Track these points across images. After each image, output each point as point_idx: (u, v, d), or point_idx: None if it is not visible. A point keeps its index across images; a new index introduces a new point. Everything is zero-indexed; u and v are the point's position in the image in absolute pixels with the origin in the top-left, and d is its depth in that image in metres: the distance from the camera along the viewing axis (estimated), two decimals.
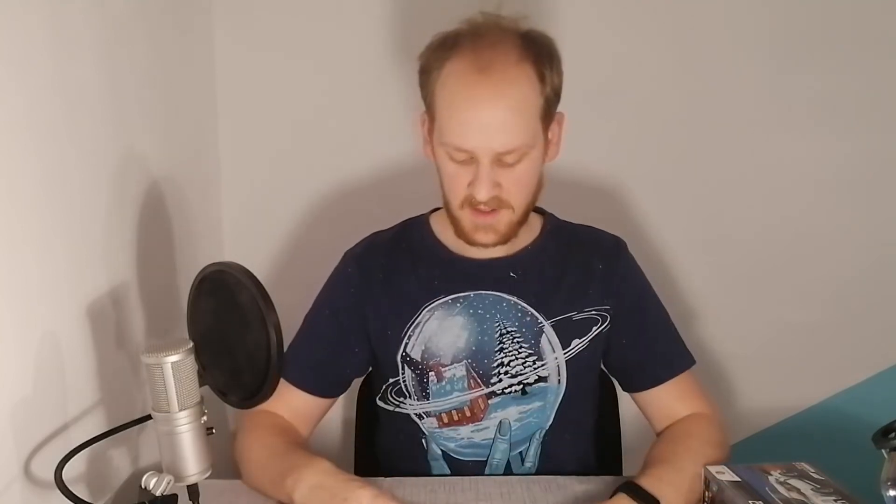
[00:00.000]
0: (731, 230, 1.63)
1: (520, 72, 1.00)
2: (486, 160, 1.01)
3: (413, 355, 1.14)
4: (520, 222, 1.09)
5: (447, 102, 1.02)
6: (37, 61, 0.88)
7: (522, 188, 1.06)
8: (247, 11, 1.55)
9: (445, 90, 1.02)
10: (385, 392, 1.19)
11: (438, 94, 1.03)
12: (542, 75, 1.02)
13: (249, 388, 0.86)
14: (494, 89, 0.99)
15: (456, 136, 1.01)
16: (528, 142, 1.02)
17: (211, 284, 0.87)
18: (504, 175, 1.03)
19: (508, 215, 1.07)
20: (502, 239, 1.09)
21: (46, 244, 0.90)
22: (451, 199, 1.08)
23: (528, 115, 1.01)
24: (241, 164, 1.61)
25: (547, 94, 1.03)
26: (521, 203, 1.07)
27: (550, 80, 1.03)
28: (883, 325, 1.64)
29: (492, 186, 1.02)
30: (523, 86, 1.01)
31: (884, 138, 1.58)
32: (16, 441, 0.84)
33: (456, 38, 1.03)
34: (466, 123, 1.00)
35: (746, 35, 1.55)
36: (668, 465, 1.02)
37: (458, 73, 1.01)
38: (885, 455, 0.80)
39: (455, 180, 1.05)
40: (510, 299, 1.13)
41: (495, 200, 1.04)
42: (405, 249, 1.18)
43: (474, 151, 1.01)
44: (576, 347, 1.14)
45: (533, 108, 1.02)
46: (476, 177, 1.02)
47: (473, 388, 1.13)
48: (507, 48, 1.01)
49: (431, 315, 1.14)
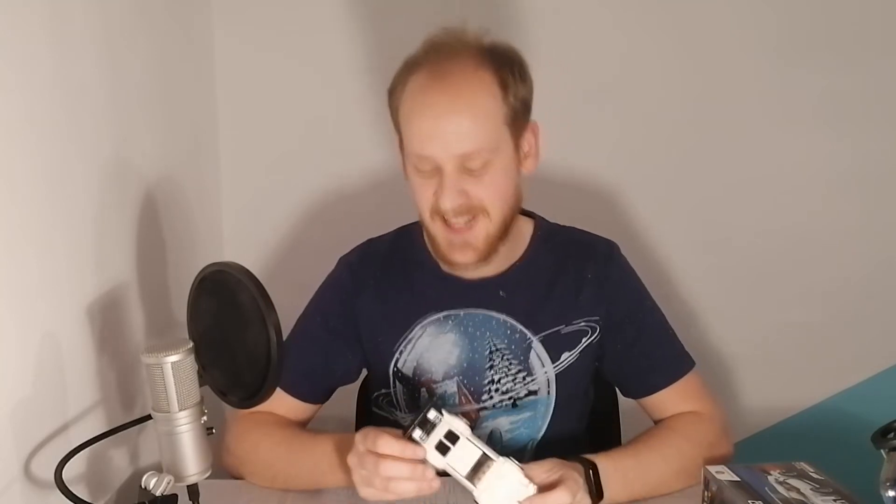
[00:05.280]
0: (732, 230, 1.63)
1: (477, 78, 1.01)
2: (450, 166, 1.01)
3: (405, 371, 1.15)
4: (499, 236, 1.07)
5: (407, 114, 1.03)
6: (37, 61, 0.88)
7: (494, 196, 1.04)
8: (247, 12, 1.55)
9: (406, 104, 1.03)
10: (377, 400, 1.20)
11: (401, 110, 1.05)
12: (503, 82, 1.02)
13: (249, 388, 0.85)
14: (450, 94, 1.00)
15: (418, 145, 1.02)
16: (490, 146, 1.01)
17: (211, 284, 0.87)
18: (471, 183, 1.02)
19: (485, 225, 1.05)
20: (481, 256, 1.07)
21: (46, 244, 0.90)
22: (422, 213, 1.08)
23: (488, 120, 1.01)
24: (240, 165, 1.61)
25: (511, 102, 1.02)
26: (497, 212, 1.05)
27: (514, 88, 1.03)
28: (883, 325, 1.64)
29: (457, 194, 1.02)
30: (481, 91, 1.01)
31: (886, 140, 1.58)
32: (16, 441, 0.84)
33: (416, 57, 1.05)
34: (426, 130, 1.01)
35: (750, 35, 1.55)
36: (630, 453, 1.05)
37: (417, 86, 1.02)
38: (884, 455, 0.80)
39: (421, 192, 1.05)
40: (499, 317, 1.14)
41: (465, 209, 1.03)
42: (399, 262, 1.18)
43: (435, 158, 1.01)
44: (566, 360, 1.14)
45: (493, 114, 1.01)
46: (440, 185, 1.02)
47: (464, 403, 1.14)
48: (465, 58, 1.02)
49: (423, 332, 1.14)
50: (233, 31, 1.55)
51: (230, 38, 1.56)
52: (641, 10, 1.54)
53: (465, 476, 0.89)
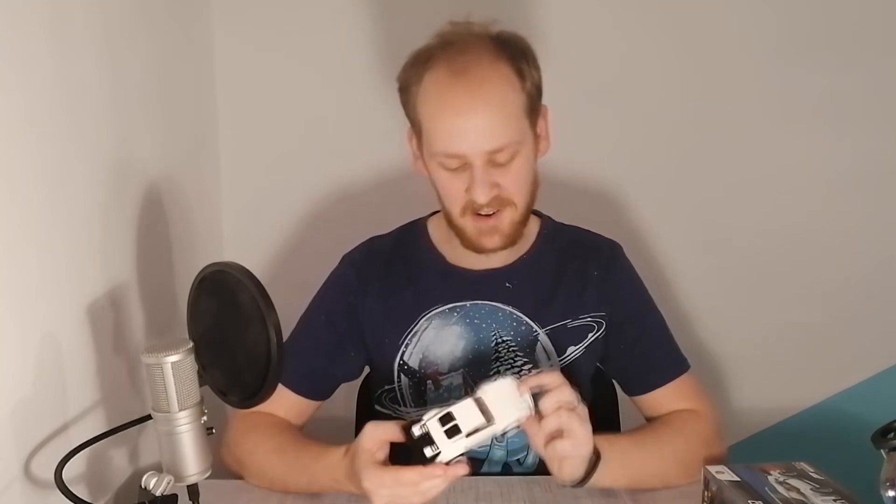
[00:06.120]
0: (732, 230, 1.63)
1: (496, 71, 1.02)
2: (479, 162, 1.01)
3: (411, 364, 1.15)
4: (522, 222, 1.10)
5: (431, 113, 1.03)
6: (37, 61, 0.88)
7: (520, 185, 1.06)
8: (247, 12, 1.55)
9: (427, 102, 1.03)
10: (380, 397, 1.20)
11: (421, 108, 1.04)
12: (519, 71, 1.03)
13: (249, 388, 0.85)
14: (474, 91, 1.00)
15: (445, 144, 1.02)
16: (517, 138, 1.02)
17: (211, 284, 0.87)
18: (500, 175, 1.03)
19: (511, 214, 1.07)
20: (508, 241, 1.09)
21: (46, 244, 0.90)
22: (452, 208, 1.08)
23: (512, 112, 1.02)
24: (240, 165, 1.61)
25: (528, 89, 1.03)
26: (522, 200, 1.07)
27: (529, 75, 1.04)
28: (883, 325, 1.64)
29: (490, 188, 1.02)
30: (502, 84, 1.01)
31: (886, 140, 1.58)
32: (16, 441, 0.84)
33: (429, 51, 1.05)
34: (453, 129, 1.01)
35: (750, 35, 1.55)
36: (629, 438, 1.07)
37: (436, 83, 1.02)
38: (884, 455, 0.80)
39: (452, 189, 1.06)
40: (506, 309, 1.14)
41: (496, 201, 1.04)
42: (403, 260, 1.18)
43: (465, 155, 1.01)
44: (571, 354, 1.15)
45: (516, 105, 1.02)
46: (472, 181, 1.02)
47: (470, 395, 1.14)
48: (481, 51, 1.02)
49: (429, 324, 1.14)
50: (233, 31, 1.55)
51: (230, 38, 1.56)
52: (641, 10, 1.55)
53: (483, 426, 0.89)
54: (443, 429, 0.88)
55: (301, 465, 1.04)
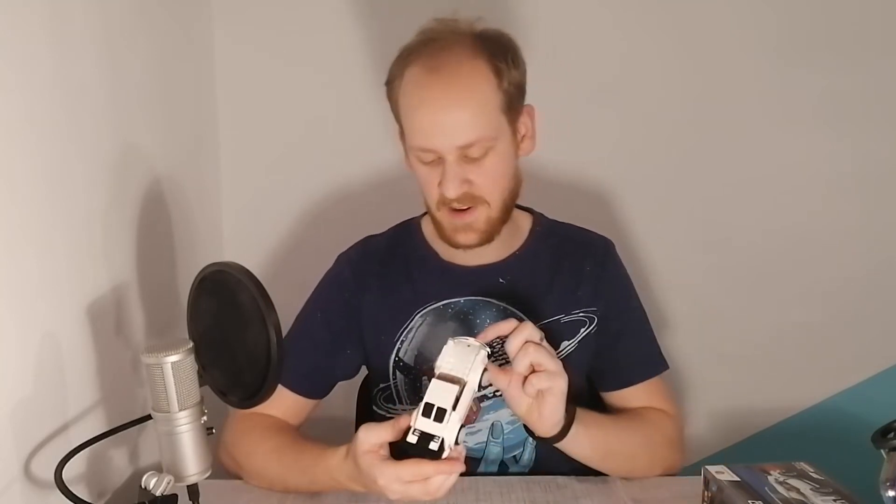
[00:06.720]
0: (732, 230, 1.63)
1: (472, 67, 1.02)
2: (451, 157, 1.02)
3: (406, 360, 1.15)
4: (500, 219, 1.09)
5: (407, 107, 1.05)
6: (37, 61, 0.88)
7: (494, 182, 1.06)
8: (247, 12, 1.55)
9: (405, 97, 1.05)
10: (376, 397, 1.20)
11: (401, 102, 1.06)
12: (497, 69, 1.03)
13: (249, 388, 0.86)
14: (447, 86, 1.01)
15: (419, 138, 1.03)
16: (490, 134, 1.02)
17: (211, 284, 0.87)
18: (472, 171, 1.04)
19: (485, 211, 1.07)
20: (484, 237, 1.09)
21: (47, 243, 0.90)
22: (429, 202, 1.09)
23: (486, 108, 1.02)
24: (240, 165, 1.61)
25: (505, 87, 1.03)
26: (497, 198, 1.07)
27: (508, 74, 1.04)
28: (883, 325, 1.64)
29: (460, 183, 1.03)
30: (477, 80, 1.02)
31: (886, 140, 1.58)
32: (16, 441, 0.84)
33: (411, 47, 1.06)
34: (426, 123, 1.03)
35: (750, 35, 1.55)
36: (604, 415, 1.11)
37: (414, 79, 1.03)
38: (884, 455, 0.80)
39: (428, 183, 1.07)
40: (500, 304, 1.14)
41: (467, 197, 1.05)
42: (399, 258, 1.19)
43: (437, 150, 1.02)
44: (565, 350, 1.15)
45: (490, 101, 1.03)
46: (444, 175, 1.03)
47: None
48: (460, 48, 1.03)
49: (424, 321, 1.15)
50: (233, 31, 1.55)
51: (230, 38, 1.56)
52: (641, 10, 1.54)
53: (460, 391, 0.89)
54: (430, 419, 0.88)
55: (300, 467, 1.04)
